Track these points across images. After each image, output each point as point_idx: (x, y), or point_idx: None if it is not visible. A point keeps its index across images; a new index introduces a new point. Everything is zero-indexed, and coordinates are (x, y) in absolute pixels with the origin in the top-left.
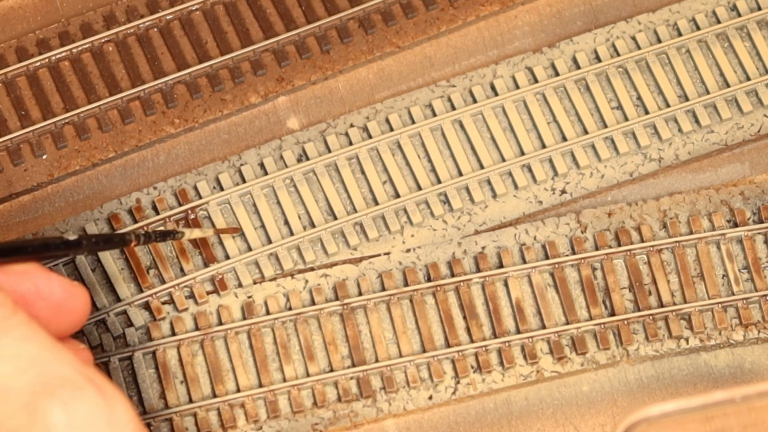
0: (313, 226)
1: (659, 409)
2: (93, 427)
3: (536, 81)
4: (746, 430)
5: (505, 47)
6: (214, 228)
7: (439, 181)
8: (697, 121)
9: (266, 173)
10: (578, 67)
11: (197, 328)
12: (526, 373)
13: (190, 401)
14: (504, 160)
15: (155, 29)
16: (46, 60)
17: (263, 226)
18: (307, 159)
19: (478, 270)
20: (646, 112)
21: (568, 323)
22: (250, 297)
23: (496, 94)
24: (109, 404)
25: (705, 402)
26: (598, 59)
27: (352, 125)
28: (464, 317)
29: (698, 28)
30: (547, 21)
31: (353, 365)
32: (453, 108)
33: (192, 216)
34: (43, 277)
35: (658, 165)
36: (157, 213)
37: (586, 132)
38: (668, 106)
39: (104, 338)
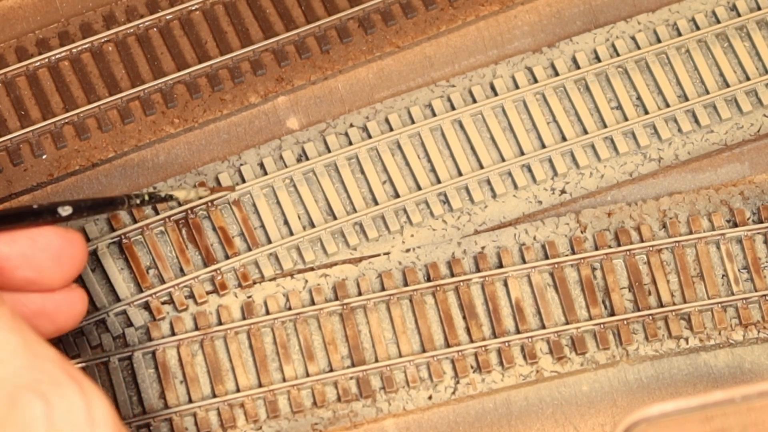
0: (312, 226)
1: (659, 409)
2: (72, 423)
3: (536, 81)
4: (746, 429)
5: (505, 47)
6: (210, 188)
7: (439, 181)
8: (696, 121)
9: (266, 173)
10: (578, 67)
11: (197, 328)
12: (525, 373)
13: (190, 401)
14: (504, 160)
15: (155, 29)
16: (46, 60)
17: (263, 226)
18: (307, 159)
19: (478, 270)
20: (646, 112)
21: (567, 323)
22: (249, 297)
23: (496, 94)
24: (88, 401)
25: (705, 402)
26: (598, 59)
27: (351, 125)
28: (464, 317)
29: (698, 28)
30: (546, 21)
31: (353, 365)
32: (453, 108)
33: (192, 216)
34: (37, 230)
35: (657, 165)
36: (157, 213)
37: (585, 132)
38: (668, 106)
39: (104, 338)
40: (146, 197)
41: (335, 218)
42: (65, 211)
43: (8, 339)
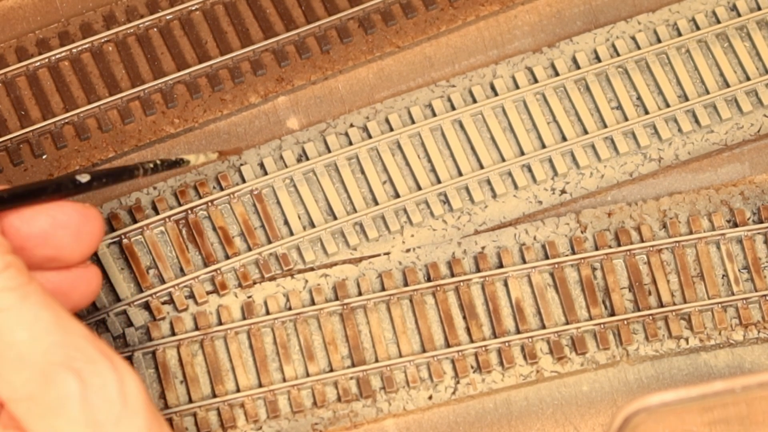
0: (313, 226)
1: (659, 398)
2: (106, 400)
3: (536, 81)
4: (744, 420)
5: (505, 47)
6: (218, 152)
7: (439, 181)
8: (697, 121)
9: (266, 173)
10: (578, 67)
11: (197, 328)
12: (526, 373)
13: (190, 401)
14: (504, 160)
15: (155, 29)
16: (46, 60)
17: (263, 226)
18: (307, 159)
19: (478, 270)
20: (646, 112)
21: (567, 323)
22: (249, 297)
23: (496, 94)
24: (121, 378)
25: (704, 392)
26: (598, 59)
27: (351, 125)
28: (464, 317)
29: (698, 28)
30: (546, 21)
31: (353, 365)
32: (453, 108)
33: (192, 216)
34: (57, 208)
35: (657, 165)
36: (157, 213)
37: (586, 132)
38: (668, 106)
39: (104, 338)
40: (158, 163)
41: (335, 218)
42: (83, 177)
43: (40, 315)
